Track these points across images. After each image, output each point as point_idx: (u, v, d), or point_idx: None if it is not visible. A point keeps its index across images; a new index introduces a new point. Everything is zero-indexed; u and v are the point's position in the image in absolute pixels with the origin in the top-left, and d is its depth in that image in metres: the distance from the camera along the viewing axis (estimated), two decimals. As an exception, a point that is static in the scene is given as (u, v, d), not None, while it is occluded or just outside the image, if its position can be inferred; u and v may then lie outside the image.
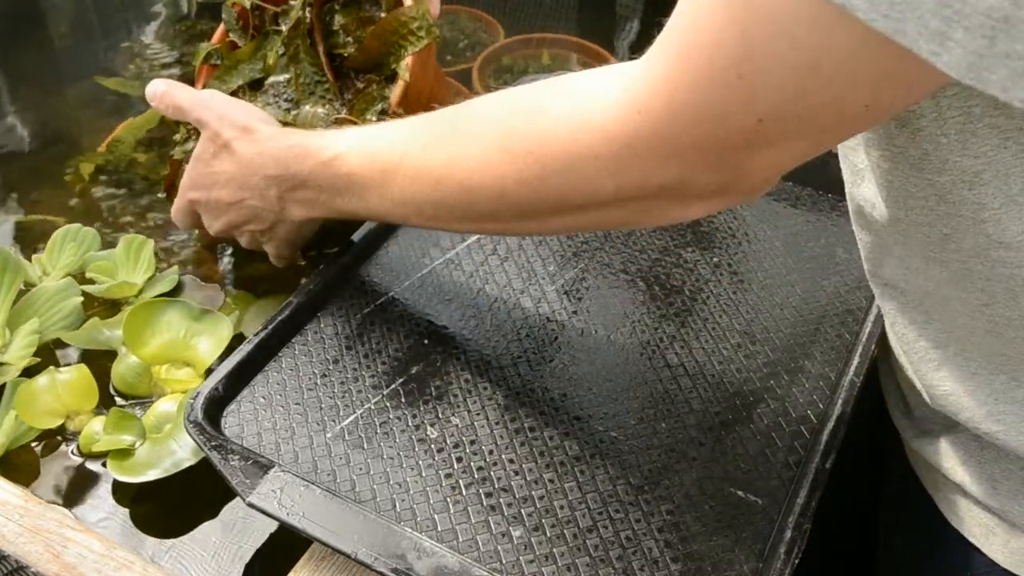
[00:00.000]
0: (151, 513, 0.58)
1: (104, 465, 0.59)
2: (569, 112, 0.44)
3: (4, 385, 0.63)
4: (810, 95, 0.35)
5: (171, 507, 0.58)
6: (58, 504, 0.58)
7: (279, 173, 0.60)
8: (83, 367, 0.63)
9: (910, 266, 0.47)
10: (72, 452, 0.61)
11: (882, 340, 0.60)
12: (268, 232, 0.66)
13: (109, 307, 0.71)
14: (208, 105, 0.65)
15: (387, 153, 0.54)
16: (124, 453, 0.59)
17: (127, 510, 0.58)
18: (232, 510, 0.58)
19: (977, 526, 0.51)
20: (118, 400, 0.64)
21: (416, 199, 0.53)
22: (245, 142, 0.62)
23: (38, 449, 0.61)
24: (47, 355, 0.66)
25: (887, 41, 0.30)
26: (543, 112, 0.45)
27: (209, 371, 0.64)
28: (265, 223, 0.65)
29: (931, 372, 0.49)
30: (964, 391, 0.47)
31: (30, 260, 0.73)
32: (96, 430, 0.61)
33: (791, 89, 0.35)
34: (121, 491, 0.59)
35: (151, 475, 0.58)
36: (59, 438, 0.62)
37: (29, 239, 0.78)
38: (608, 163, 0.42)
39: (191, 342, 0.66)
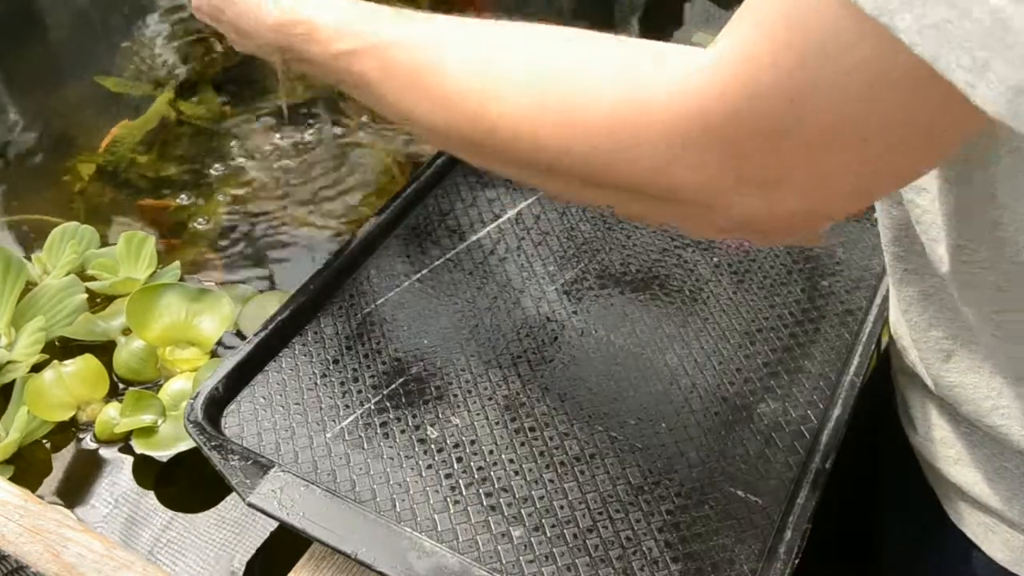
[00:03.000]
0: (175, 494, 0.60)
1: (121, 451, 0.61)
2: (624, 99, 0.40)
3: (13, 383, 0.64)
4: (864, 123, 0.34)
5: (186, 493, 0.60)
6: (76, 494, 0.59)
7: (280, 45, 0.52)
8: (89, 356, 0.64)
9: (932, 256, 0.47)
10: (89, 439, 0.62)
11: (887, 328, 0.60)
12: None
13: (111, 304, 0.71)
14: None
15: (411, 65, 0.46)
16: (147, 431, 0.61)
17: (151, 492, 0.60)
18: (233, 507, 0.58)
19: (977, 524, 0.51)
20: (122, 388, 0.65)
21: (441, 128, 0.46)
22: None
23: (52, 443, 0.62)
24: (52, 353, 0.67)
25: (932, 71, 0.29)
26: (597, 94, 0.41)
27: (214, 351, 0.67)
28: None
29: (938, 363, 0.49)
30: (970, 383, 0.48)
31: (29, 259, 0.73)
32: (111, 415, 0.62)
33: (844, 113, 0.34)
34: (144, 472, 0.60)
35: (181, 447, 0.60)
36: (72, 429, 0.63)
37: (28, 239, 0.78)
38: (660, 157, 0.40)
39: (193, 322, 0.68)
